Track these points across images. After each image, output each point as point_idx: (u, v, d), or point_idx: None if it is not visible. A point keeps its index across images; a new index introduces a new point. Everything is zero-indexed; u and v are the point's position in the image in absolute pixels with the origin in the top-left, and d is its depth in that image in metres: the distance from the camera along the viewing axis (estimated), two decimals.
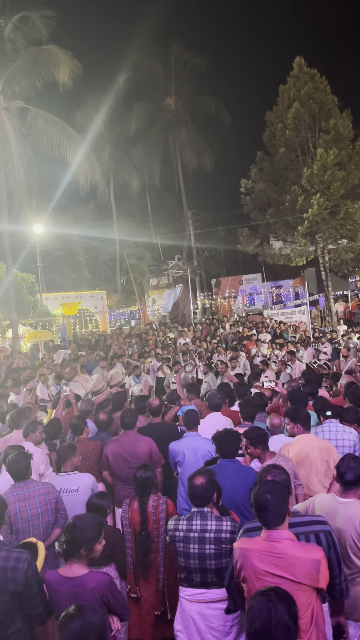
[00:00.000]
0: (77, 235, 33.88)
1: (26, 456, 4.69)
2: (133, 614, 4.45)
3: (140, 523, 4.47)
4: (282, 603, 2.37)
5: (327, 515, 3.64)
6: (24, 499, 4.51)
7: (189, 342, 17.35)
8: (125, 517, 4.57)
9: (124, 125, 35.57)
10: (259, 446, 4.77)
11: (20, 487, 4.57)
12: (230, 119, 36.04)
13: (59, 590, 3.28)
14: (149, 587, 4.47)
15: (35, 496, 4.55)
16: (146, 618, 4.45)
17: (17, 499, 4.50)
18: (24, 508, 4.49)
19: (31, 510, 4.50)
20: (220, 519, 3.78)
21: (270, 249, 24.73)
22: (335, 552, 3.32)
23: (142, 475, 4.55)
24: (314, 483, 4.84)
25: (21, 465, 4.60)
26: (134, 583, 4.49)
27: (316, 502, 3.88)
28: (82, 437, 6.10)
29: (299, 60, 22.67)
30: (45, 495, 4.59)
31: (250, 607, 2.43)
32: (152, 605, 4.44)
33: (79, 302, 28.56)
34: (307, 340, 16.26)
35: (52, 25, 19.01)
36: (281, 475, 3.52)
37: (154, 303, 28.78)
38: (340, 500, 3.72)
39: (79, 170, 20.91)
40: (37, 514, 4.52)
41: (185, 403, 7.49)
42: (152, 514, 4.49)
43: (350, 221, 21.40)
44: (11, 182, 19.07)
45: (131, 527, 4.54)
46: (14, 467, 4.59)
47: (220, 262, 40.79)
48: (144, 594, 4.47)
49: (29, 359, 16.99)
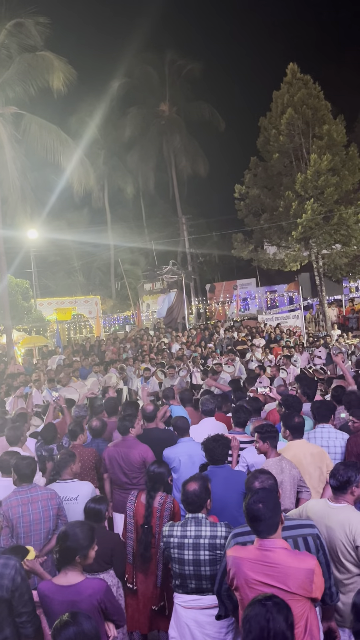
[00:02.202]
0: (72, 241, 33.84)
1: (33, 460, 4.71)
2: (130, 605, 4.46)
3: (144, 516, 4.46)
4: (280, 613, 2.34)
5: (319, 520, 3.62)
6: (27, 502, 4.46)
7: (183, 347, 17.35)
8: (131, 507, 4.57)
9: (118, 131, 35.65)
10: (267, 441, 4.72)
11: (23, 491, 4.52)
12: (224, 124, 36.25)
13: (55, 600, 3.22)
14: (146, 580, 4.46)
15: (38, 501, 4.50)
16: (143, 610, 4.44)
17: (20, 502, 4.45)
18: (27, 512, 4.44)
19: (33, 515, 4.45)
20: (214, 525, 3.77)
21: (265, 254, 24.81)
22: (324, 556, 3.30)
23: (155, 470, 4.58)
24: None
25: (30, 468, 4.60)
26: (132, 574, 4.48)
27: (308, 507, 3.86)
28: (77, 443, 6.07)
29: (293, 67, 22.83)
30: (48, 500, 4.54)
31: (247, 616, 2.38)
32: (149, 598, 4.44)
33: (74, 307, 28.51)
34: (302, 345, 16.29)
35: (47, 31, 19.10)
36: (269, 480, 3.51)
37: (149, 308, 28.75)
38: (331, 505, 3.71)
39: (74, 176, 20.94)
40: (39, 519, 4.46)
41: (174, 403, 7.47)
42: (157, 509, 4.48)
43: (344, 226, 21.51)
44: (5, 187, 19.07)
45: (135, 518, 4.53)
46: (22, 469, 4.56)
47: (214, 267, 40.85)
48: (141, 587, 4.46)
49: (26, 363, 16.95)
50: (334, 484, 3.70)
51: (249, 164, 24.32)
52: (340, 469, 3.71)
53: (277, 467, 4.49)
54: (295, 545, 3.24)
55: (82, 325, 27.72)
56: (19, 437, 5.82)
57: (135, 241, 35.24)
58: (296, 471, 4.61)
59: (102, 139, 35.17)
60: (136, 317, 26.31)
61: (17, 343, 20.36)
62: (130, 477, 5.54)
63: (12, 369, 14.95)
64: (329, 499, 3.77)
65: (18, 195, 19.47)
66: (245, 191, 23.79)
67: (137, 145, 36.26)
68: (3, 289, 19.79)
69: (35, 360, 18.12)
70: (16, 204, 20.11)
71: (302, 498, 4.62)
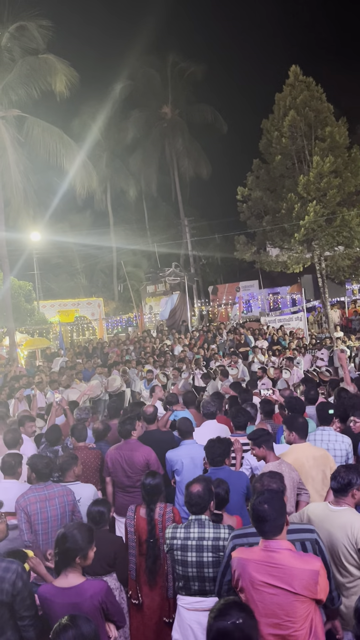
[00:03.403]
0: (74, 243, 33.88)
1: (51, 459, 4.81)
2: (135, 619, 4.44)
3: (148, 531, 4.44)
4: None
5: (320, 524, 3.61)
6: (44, 499, 4.53)
7: (186, 349, 17.34)
8: (131, 523, 4.53)
9: (121, 133, 35.70)
10: (262, 446, 4.72)
11: (40, 488, 4.60)
12: (226, 127, 36.27)
13: (55, 603, 3.21)
14: (152, 594, 4.44)
15: (55, 497, 4.58)
16: (149, 624, 4.42)
17: (38, 499, 4.52)
18: (45, 509, 4.50)
19: (51, 511, 4.52)
20: (217, 527, 3.76)
21: (267, 256, 24.76)
22: (323, 561, 3.27)
23: (151, 483, 4.50)
24: (311, 492, 4.80)
25: (49, 467, 4.71)
26: (135, 589, 4.45)
27: (309, 510, 3.84)
28: (81, 445, 6.06)
29: (295, 69, 22.80)
30: (64, 497, 4.62)
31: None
32: (155, 611, 4.41)
33: (76, 309, 28.55)
34: (305, 347, 16.27)
35: (49, 34, 19.16)
36: (276, 483, 3.50)
37: (151, 310, 28.76)
38: (332, 508, 3.68)
39: (76, 179, 20.99)
40: (56, 515, 4.53)
41: (177, 409, 7.47)
42: (158, 521, 4.46)
43: (347, 228, 21.46)
44: (8, 190, 19.12)
45: (136, 533, 4.51)
46: (41, 468, 4.66)
47: (217, 270, 40.86)
48: (146, 600, 4.44)
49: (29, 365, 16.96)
50: (334, 486, 3.70)
51: (252, 166, 24.29)
52: (342, 471, 3.71)
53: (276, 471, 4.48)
54: None
55: (84, 327, 27.74)
56: (17, 440, 5.84)
57: (138, 243, 35.26)
58: (295, 474, 4.61)
59: (105, 141, 35.21)
60: (139, 319, 26.32)
61: (19, 345, 20.40)
62: (133, 480, 5.51)
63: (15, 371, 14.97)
64: (330, 503, 3.75)
65: (21, 198, 19.52)
66: (248, 193, 23.76)
67: (140, 148, 36.31)
68: (6, 291, 19.84)
69: (39, 363, 18.12)
70: (19, 207, 20.17)
71: (302, 501, 4.63)
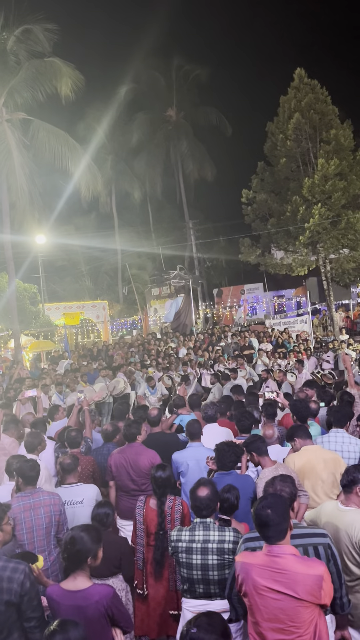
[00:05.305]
0: (79, 246, 33.94)
1: (36, 462, 4.66)
2: (140, 610, 4.45)
3: (158, 523, 4.45)
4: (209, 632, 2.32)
5: (330, 521, 3.66)
6: (29, 508, 4.41)
7: (190, 352, 17.33)
8: (140, 513, 4.56)
9: (126, 136, 35.77)
10: (252, 452, 4.75)
11: (26, 497, 4.47)
12: (231, 129, 36.21)
13: (62, 605, 3.23)
14: (157, 585, 4.45)
15: (40, 506, 4.44)
16: (153, 615, 4.44)
17: (22, 508, 4.39)
18: (29, 518, 4.38)
19: (36, 520, 4.39)
20: (222, 530, 3.77)
21: (272, 258, 24.76)
22: (335, 566, 3.26)
23: (162, 476, 4.54)
24: (320, 495, 4.79)
25: (35, 470, 4.55)
26: (142, 579, 4.47)
27: (322, 509, 3.91)
28: (75, 451, 5.89)
29: (300, 72, 22.84)
30: (51, 506, 4.48)
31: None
32: (160, 603, 4.44)
33: (81, 312, 28.59)
34: (309, 349, 16.25)
35: (54, 38, 19.18)
36: (286, 488, 3.44)
37: (156, 313, 28.77)
38: (341, 507, 3.75)
39: (81, 181, 21.02)
40: (41, 525, 4.40)
41: (183, 412, 7.46)
42: (167, 513, 4.49)
43: (352, 231, 21.46)
44: (13, 193, 19.16)
45: (145, 524, 4.52)
46: (26, 472, 4.51)
47: (221, 272, 40.81)
48: (151, 591, 4.45)
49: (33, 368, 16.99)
50: (342, 482, 3.80)
51: (256, 168, 24.33)
52: (351, 468, 3.82)
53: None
54: (305, 553, 3.21)
55: (89, 329, 27.76)
56: (37, 445, 5.70)
57: (143, 246, 35.26)
58: (294, 476, 4.62)
59: (110, 144, 35.26)
60: (143, 321, 26.35)
61: (25, 348, 20.45)
62: (138, 484, 5.49)
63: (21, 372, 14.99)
64: (341, 502, 3.81)
65: (26, 201, 19.57)
66: (253, 196, 23.79)
67: (145, 151, 36.35)
68: (11, 294, 19.88)
69: (44, 366, 18.14)
70: (24, 209, 20.23)
71: (301, 502, 4.64)
